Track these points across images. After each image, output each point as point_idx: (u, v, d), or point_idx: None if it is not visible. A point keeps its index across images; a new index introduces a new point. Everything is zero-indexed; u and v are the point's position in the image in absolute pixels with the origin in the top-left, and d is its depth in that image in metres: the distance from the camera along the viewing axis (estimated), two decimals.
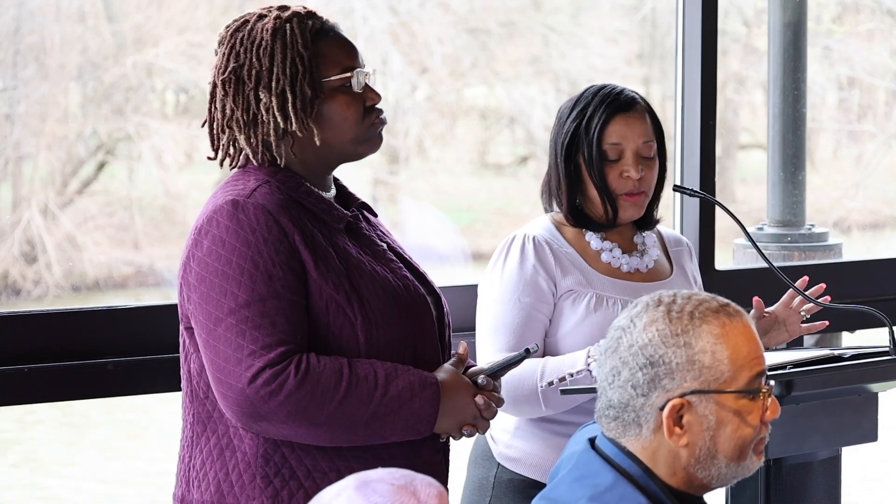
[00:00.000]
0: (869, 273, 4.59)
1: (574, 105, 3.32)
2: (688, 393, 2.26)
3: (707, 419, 2.27)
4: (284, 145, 2.77)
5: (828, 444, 3.33)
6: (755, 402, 2.29)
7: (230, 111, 2.78)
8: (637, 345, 2.28)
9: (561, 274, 3.28)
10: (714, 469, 2.30)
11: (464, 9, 10.59)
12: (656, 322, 2.29)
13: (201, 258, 2.70)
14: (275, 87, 2.75)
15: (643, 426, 2.29)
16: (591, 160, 3.27)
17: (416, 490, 1.75)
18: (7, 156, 9.06)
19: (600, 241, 3.34)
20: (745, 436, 2.29)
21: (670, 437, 2.27)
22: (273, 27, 2.77)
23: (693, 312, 2.29)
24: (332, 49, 2.80)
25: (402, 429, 2.71)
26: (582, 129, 3.29)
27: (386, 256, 2.85)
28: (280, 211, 2.71)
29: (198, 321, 2.70)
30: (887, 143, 10.96)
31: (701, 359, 2.26)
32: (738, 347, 2.28)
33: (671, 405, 2.26)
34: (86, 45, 9.28)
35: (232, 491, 2.72)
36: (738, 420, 2.28)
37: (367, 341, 2.73)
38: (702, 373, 2.27)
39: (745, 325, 2.31)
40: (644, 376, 2.27)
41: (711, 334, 2.27)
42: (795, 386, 3.13)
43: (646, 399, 2.28)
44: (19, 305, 8.71)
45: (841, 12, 11.00)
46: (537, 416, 3.26)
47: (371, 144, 2.84)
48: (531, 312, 3.25)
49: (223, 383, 2.65)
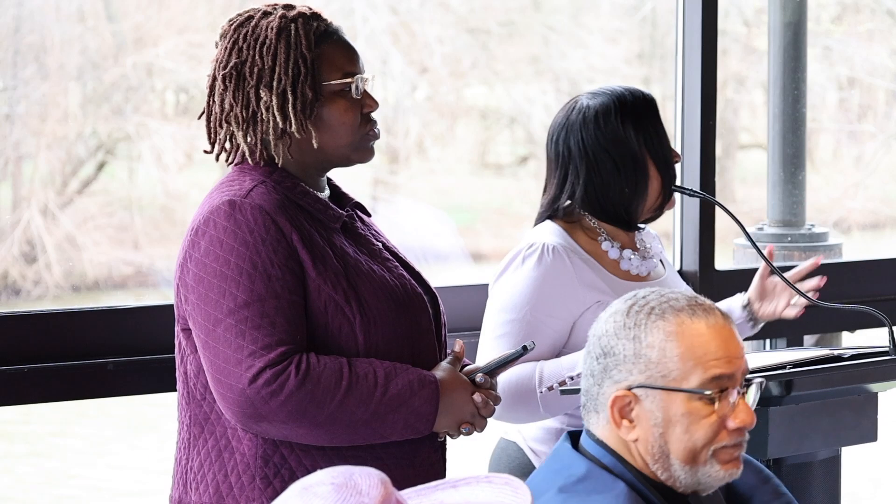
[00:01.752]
0: (869, 273, 4.58)
1: (621, 110, 3.31)
2: (634, 386, 2.26)
3: (654, 415, 2.25)
4: (282, 145, 2.77)
5: (828, 444, 3.33)
6: (714, 407, 2.25)
7: (229, 106, 2.78)
8: (597, 334, 2.31)
9: (583, 287, 3.25)
10: (671, 471, 2.27)
11: (464, 9, 10.59)
12: (615, 314, 2.30)
13: (199, 259, 2.69)
14: (276, 86, 2.74)
15: (600, 414, 2.30)
16: (666, 162, 3.33)
17: (356, 484, 1.74)
18: (7, 156, 9.06)
19: (618, 251, 3.34)
20: (695, 440, 2.25)
21: (619, 429, 2.27)
22: (278, 26, 2.76)
23: (654, 308, 2.28)
24: (334, 53, 2.80)
25: (401, 428, 2.71)
26: (650, 130, 3.32)
27: (382, 255, 2.84)
28: (277, 211, 2.71)
29: (196, 322, 2.70)
30: (887, 143, 10.96)
31: (648, 353, 2.25)
32: (693, 347, 2.25)
33: (614, 396, 2.26)
34: (86, 45, 9.28)
35: (231, 493, 2.72)
36: (688, 422, 2.25)
37: (365, 340, 2.73)
38: (648, 367, 2.25)
39: (710, 326, 2.26)
40: (598, 365, 2.29)
41: (664, 330, 2.26)
42: (795, 386, 3.12)
43: (600, 388, 2.29)
44: (19, 305, 8.71)
45: (841, 12, 11.00)
46: (535, 421, 3.25)
47: (363, 153, 2.83)
48: (539, 326, 3.22)
49: (223, 384, 2.65)
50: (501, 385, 3.18)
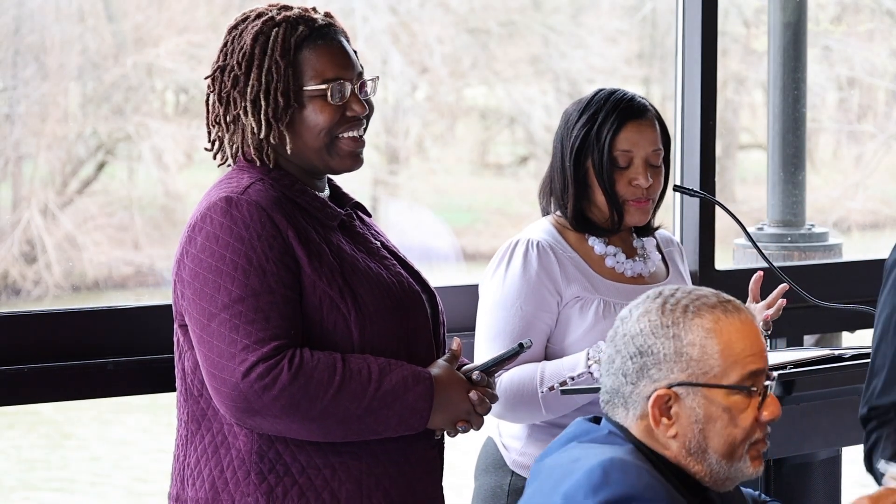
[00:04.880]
0: (869, 273, 4.58)
1: (584, 109, 3.29)
2: (675, 384, 2.27)
3: (695, 412, 2.27)
4: (267, 148, 2.78)
5: (828, 444, 3.33)
6: (750, 401, 2.29)
7: (215, 108, 2.80)
8: (629, 334, 2.31)
9: (565, 281, 3.26)
10: (706, 464, 2.30)
11: (464, 9, 10.60)
12: (649, 313, 2.30)
13: (195, 255, 2.70)
14: (248, 92, 2.76)
15: (630, 412, 2.31)
16: (601, 166, 3.25)
17: None
18: (7, 156, 9.07)
19: (604, 246, 3.32)
20: (735, 434, 2.28)
21: (657, 427, 2.29)
22: (257, 31, 2.77)
23: (688, 306, 2.30)
24: (316, 58, 2.78)
25: (395, 423, 2.71)
26: (592, 135, 3.26)
27: (380, 254, 2.85)
28: (274, 207, 2.71)
29: (191, 317, 2.71)
30: (887, 143, 10.97)
31: (689, 351, 2.27)
32: (732, 343, 2.28)
33: (656, 395, 2.27)
34: (86, 45, 9.29)
35: (227, 488, 2.73)
36: (728, 417, 2.28)
37: (360, 337, 2.73)
38: (689, 365, 2.27)
39: (744, 322, 2.30)
40: (633, 365, 2.29)
41: (703, 328, 2.28)
42: (795, 386, 3.13)
43: (633, 387, 2.30)
44: (19, 305, 8.72)
45: (840, 12, 11.01)
46: (536, 421, 3.25)
47: (343, 159, 2.80)
48: (532, 321, 3.23)
49: (217, 378, 2.66)
50: (503, 385, 3.18)
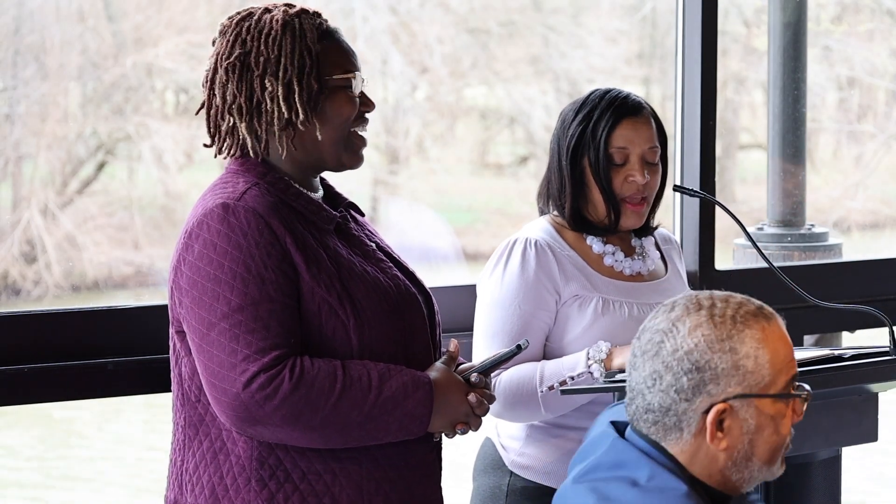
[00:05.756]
0: (869, 273, 4.58)
1: (579, 108, 3.29)
2: (731, 398, 2.27)
3: (747, 423, 2.28)
4: (286, 137, 2.76)
5: (828, 444, 3.33)
6: (788, 406, 2.31)
7: (232, 97, 2.77)
8: (682, 350, 2.28)
9: (564, 279, 3.26)
10: (747, 472, 2.31)
11: (464, 9, 10.60)
12: (701, 327, 2.28)
13: (192, 262, 2.69)
14: (282, 76, 2.74)
15: (685, 430, 2.30)
16: (597, 164, 3.26)
17: None
18: (7, 156, 9.07)
19: (602, 245, 3.32)
20: (779, 440, 2.31)
21: (712, 442, 2.28)
22: (283, 19, 2.77)
23: (735, 316, 2.30)
24: (335, 50, 2.81)
25: (395, 429, 2.71)
26: (588, 133, 3.27)
27: (376, 256, 2.84)
28: (271, 214, 2.70)
29: (190, 326, 2.69)
30: (887, 143, 10.97)
31: (745, 364, 2.28)
32: (777, 351, 2.30)
33: (716, 410, 2.27)
34: (86, 45, 9.29)
35: (227, 494, 2.72)
36: (774, 424, 2.30)
37: (359, 342, 2.72)
38: (745, 378, 2.27)
39: (780, 328, 2.33)
40: (689, 381, 2.27)
41: (754, 339, 2.29)
42: None
43: (689, 404, 2.28)
44: (19, 305, 8.72)
45: (841, 12, 11.01)
46: (535, 420, 3.25)
47: (353, 155, 2.82)
48: (530, 320, 3.23)
49: (217, 388, 2.64)
50: (503, 384, 3.18)
